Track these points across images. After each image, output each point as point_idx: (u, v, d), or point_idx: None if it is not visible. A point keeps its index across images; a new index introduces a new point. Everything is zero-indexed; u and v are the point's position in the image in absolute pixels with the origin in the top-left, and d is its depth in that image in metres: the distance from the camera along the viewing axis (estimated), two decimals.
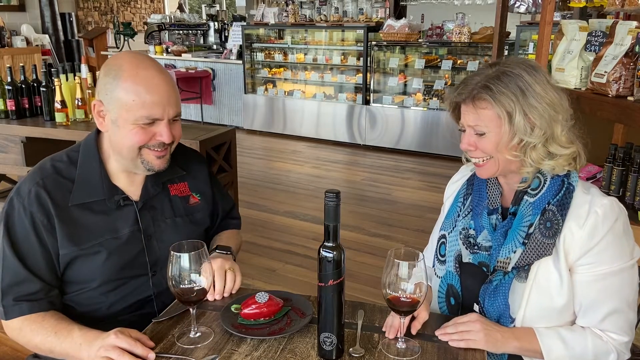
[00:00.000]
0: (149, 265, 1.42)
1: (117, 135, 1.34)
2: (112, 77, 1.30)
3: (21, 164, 3.24)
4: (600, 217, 1.21)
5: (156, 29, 8.73)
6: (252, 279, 3.31)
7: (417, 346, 1.19)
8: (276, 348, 1.19)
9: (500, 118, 1.20)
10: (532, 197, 1.27)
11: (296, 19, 7.13)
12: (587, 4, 2.47)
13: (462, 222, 1.40)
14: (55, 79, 3.20)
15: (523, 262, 1.24)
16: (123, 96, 1.29)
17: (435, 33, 6.22)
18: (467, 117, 1.26)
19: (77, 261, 1.33)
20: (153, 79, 1.30)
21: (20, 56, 7.72)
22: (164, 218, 1.46)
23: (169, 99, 1.32)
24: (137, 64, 1.31)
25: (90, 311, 1.38)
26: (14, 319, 1.29)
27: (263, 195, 4.90)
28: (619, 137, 2.44)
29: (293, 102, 7.16)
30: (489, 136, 1.24)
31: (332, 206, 1.06)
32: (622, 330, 1.23)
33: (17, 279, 1.28)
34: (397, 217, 4.38)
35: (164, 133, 1.33)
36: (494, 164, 1.27)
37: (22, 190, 1.33)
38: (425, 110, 6.17)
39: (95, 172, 1.38)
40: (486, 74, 1.24)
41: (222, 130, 3.24)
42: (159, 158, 1.37)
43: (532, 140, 1.21)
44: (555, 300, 1.23)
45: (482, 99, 1.21)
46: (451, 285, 1.39)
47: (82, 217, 1.35)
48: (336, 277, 1.09)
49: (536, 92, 1.20)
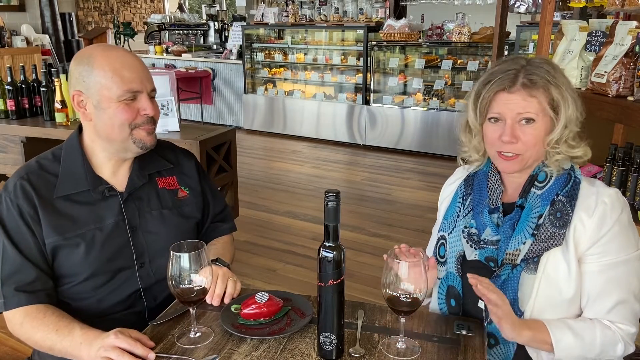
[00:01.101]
0: (135, 256, 1.43)
1: (104, 118, 1.37)
2: (85, 65, 1.35)
3: (21, 164, 3.23)
4: (609, 206, 1.22)
5: (156, 29, 8.74)
6: (252, 279, 3.31)
7: (417, 346, 1.19)
8: (276, 348, 1.19)
9: (551, 106, 1.23)
10: (540, 189, 1.28)
11: (296, 19, 7.13)
12: (587, 4, 2.47)
13: (463, 222, 1.39)
14: (55, 79, 3.19)
15: (533, 254, 1.24)
16: (101, 78, 1.33)
17: (435, 33, 6.22)
18: (513, 105, 1.24)
19: (62, 251, 1.35)
20: (124, 57, 1.37)
21: (20, 56, 7.72)
22: (150, 209, 1.47)
23: (143, 72, 1.38)
24: (105, 48, 1.39)
25: (83, 306, 1.39)
26: (16, 314, 1.29)
27: (263, 195, 4.91)
28: (619, 137, 2.44)
29: (293, 102, 7.16)
30: (536, 125, 1.24)
31: (332, 206, 1.06)
32: (628, 321, 1.23)
33: (15, 268, 1.31)
34: (397, 217, 4.39)
35: (148, 107, 1.38)
36: (522, 159, 1.27)
37: (9, 185, 1.38)
38: (425, 110, 6.17)
39: (78, 165, 1.42)
40: (521, 64, 1.26)
41: (222, 130, 3.24)
42: (149, 134, 1.41)
43: (569, 131, 1.24)
44: (563, 292, 1.24)
45: (534, 86, 1.22)
46: (452, 287, 1.38)
47: (66, 208, 1.37)
48: (336, 277, 1.09)
49: (570, 87, 1.25)
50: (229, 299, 1.37)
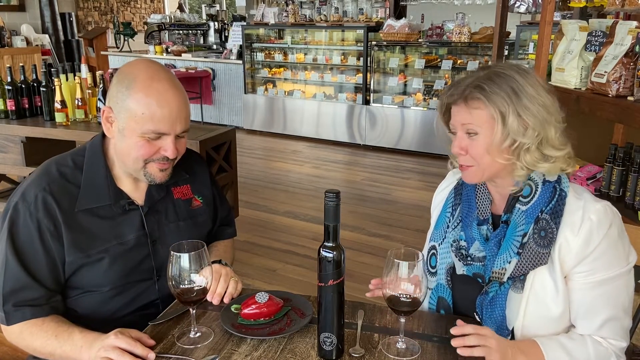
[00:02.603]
0: (155, 270, 1.42)
1: (123, 144, 1.33)
2: (124, 87, 1.29)
3: (21, 164, 3.24)
4: (595, 223, 1.18)
5: (156, 29, 8.73)
6: (252, 279, 3.31)
7: (417, 346, 1.19)
8: (276, 348, 1.19)
9: (493, 118, 1.19)
10: (524, 205, 1.24)
11: (296, 19, 7.13)
12: (587, 4, 2.47)
13: (453, 234, 1.37)
14: (55, 79, 3.20)
15: (518, 272, 1.22)
16: (133, 107, 1.28)
17: (435, 33, 6.22)
18: (459, 117, 1.23)
19: (83, 267, 1.33)
20: (166, 93, 1.29)
21: (20, 56, 7.72)
22: (168, 222, 1.46)
23: (178, 114, 1.31)
24: (151, 75, 1.29)
25: (93, 314, 1.38)
26: (15, 325, 1.28)
27: (263, 195, 4.90)
28: (619, 137, 2.44)
29: (293, 102, 7.16)
30: (480, 137, 1.21)
31: (332, 206, 1.06)
32: (619, 336, 1.21)
33: (18, 285, 1.27)
34: (397, 217, 4.39)
35: (169, 148, 1.32)
36: (477, 170, 1.25)
37: (28, 195, 1.31)
38: (425, 110, 6.17)
39: (101, 177, 1.37)
40: (477, 75, 1.23)
41: (222, 130, 3.24)
42: (162, 171, 1.37)
43: (526, 142, 1.19)
44: (552, 310, 1.22)
45: (476, 98, 1.20)
46: (442, 298, 1.36)
47: (88, 223, 1.34)
48: (336, 277, 1.09)
49: (529, 93, 1.19)
50: (228, 299, 1.37)
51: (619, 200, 2.12)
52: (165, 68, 1.36)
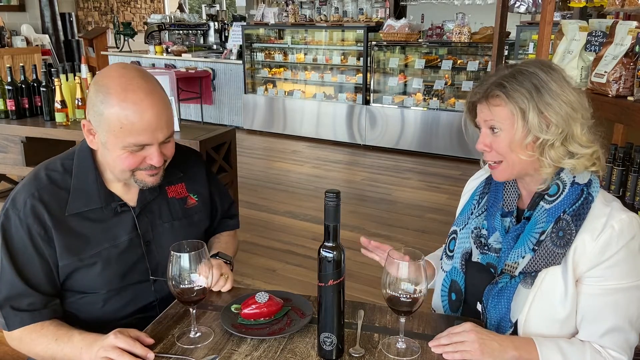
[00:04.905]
0: (150, 271, 1.42)
1: (107, 157, 1.31)
2: (99, 100, 1.25)
3: (21, 164, 3.24)
4: (616, 232, 1.17)
5: (156, 29, 8.73)
6: (252, 279, 3.31)
7: (417, 346, 1.19)
8: (276, 348, 1.19)
9: (513, 115, 1.20)
10: (549, 203, 1.24)
11: (296, 19, 7.13)
12: (587, 4, 2.47)
13: (475, 221, 1.40)
14: (55, 79, 3.20)
15: (530, 269, 1.23)
16: (111, 121, 1.24)
17: (435, 33, 6.23)
18: (482, 115, 1.27)
19: (77, 271, 1.32)
20: (142, 103, 1.23)
21: (20, 56, 7.72)
22: (162, 222, 1.45)
23: (158, 123, 1.26)
24: (124, 86, 1.23)
25: (92, 317, 1.37)
26: (15, 331, 1.28)
27: (263, 195, 4.90)
28: (619, 137, 2.44)
29: (293, 102, 7.16)
30: (502, 134, 1.23)
31: (332, 206, 1.06)
32: (621, 349, 1.19)
33: (14, 292, 1.27)
34: (397, 217, 4.38)
35: (154, 157, 1.29)
36: (506, 167, 1.27)
37: (18, 201, 1.30)
38: (425, 110, 6.17)
39: (90, 180, 1.36)
40: (501, 74, 1.25)
41: (222, 130, 3.24)
42: (152, 176, 1.35)
43: (549, 138, 1.19)
44: (557, 311, 1.21)
45: (496, 96, 1.22)
46: (455, 281, 1.39)
47: (79, 227, 1.33)
48: (336, 277, 1.09)
49: (552, 90, 1.20)
50: (215, 288, 1.39)
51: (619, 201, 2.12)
52: (140, 72, 1.29)
